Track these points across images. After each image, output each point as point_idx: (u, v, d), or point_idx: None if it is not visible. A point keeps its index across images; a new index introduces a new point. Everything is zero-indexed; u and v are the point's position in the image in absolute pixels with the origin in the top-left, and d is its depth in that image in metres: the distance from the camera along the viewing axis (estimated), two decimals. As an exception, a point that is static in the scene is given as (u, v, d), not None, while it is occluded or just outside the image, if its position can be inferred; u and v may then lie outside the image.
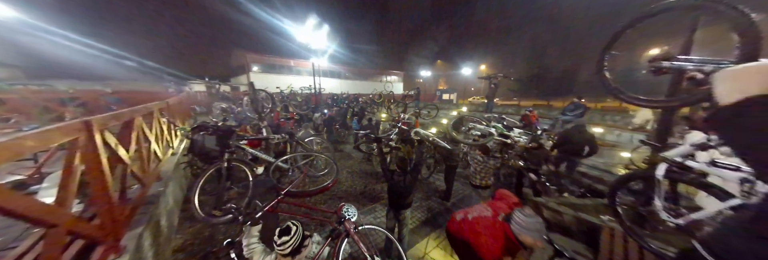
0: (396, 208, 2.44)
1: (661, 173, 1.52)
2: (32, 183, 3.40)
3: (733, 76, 0.51)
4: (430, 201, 3.87)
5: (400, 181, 2.33)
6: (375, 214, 3.42)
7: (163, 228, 2.41)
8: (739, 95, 0.47)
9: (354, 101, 11.28)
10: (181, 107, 6.76)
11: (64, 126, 1.35)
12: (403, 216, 2.44)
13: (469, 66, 31.95)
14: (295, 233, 1.35)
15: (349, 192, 4.10)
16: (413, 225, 3.15)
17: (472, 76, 30.93)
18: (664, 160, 1.53)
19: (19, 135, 1.06)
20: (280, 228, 1.38)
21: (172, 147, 4.06)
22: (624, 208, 1.90)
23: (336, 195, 3.94)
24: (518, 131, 3.80)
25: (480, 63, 34.48)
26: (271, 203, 1.88)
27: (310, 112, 8.31)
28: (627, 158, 4.44)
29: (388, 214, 2.50)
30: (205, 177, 2.29)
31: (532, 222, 1.37)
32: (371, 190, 4.18)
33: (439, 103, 15.88)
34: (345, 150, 6.72)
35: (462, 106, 15.55)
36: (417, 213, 3.48)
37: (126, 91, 10.73)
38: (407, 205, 2.44)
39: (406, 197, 2.39)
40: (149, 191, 2.47)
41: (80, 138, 1.45)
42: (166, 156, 3.61)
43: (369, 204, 3.70)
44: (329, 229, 1.86)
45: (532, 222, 1.38)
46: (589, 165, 4.55)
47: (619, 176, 1.92)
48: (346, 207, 1.95)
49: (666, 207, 1.55)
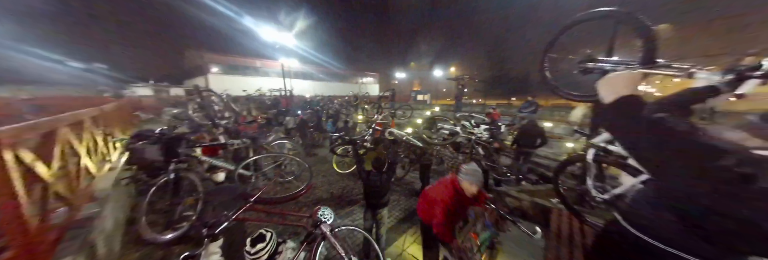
0: (373, 208, 2.50)
1: (591, 157, 1.84)
2: None
3: (609, 81, 0.67)
4: (406, 198, 4.00)
5: (376, 181, 2.40)
6: (353, 217, 3.42)
7: (101, 257, 2.11)
8: (613, 96, 0.62)
9: (328, 103, 11.08)
10: (122, 114, 6.01)
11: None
12: (380, 215, 2.51)
13: (440, 68, 33.47)
14: (270, 239, 1.33)
15: (325, 196, 4.07)
16: (391, 223, 3.23)
17: (444, 77, 32.46)
18: (592, 146, 1.85)
19: None
20: (252, 237, 1.34)
21: (110, 160, 3.58)
22: (565, 190, 2.28)
23: (311, 201, 3.86)
24: (484, 127, 4.13)
25: (450, 65, 36.28)
26: (239, 211, 1.77)
27: (281, 116, 7.95)
28: (571, 148, 5.11)
29: (366, 214, 2.55)
30: (152, 193, 2.07)
31: (471, 169, 1.82)
32: (348, 193, 4.18)
33: (414, 104, 16.34)
34: (320, 154, 6.56)
35: (435, 106, 16.19)
36: (394, 211, 3.58)
37: (48, 98, 9.16)
38: (384, 204, 2.51)
39: (383, 196, 2.46)
40: (81, 214, 2.15)
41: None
42: (102, 171, 3.18)
43: (347, 207, 3.71)
44: (305, 234, 1.83)
45: (471, 169, 1.83)
46: (541, 156, 5.11)
47: (559, 162, 2.27)
48: (322, 209, 1.92)
49: (595, 186, 1.88)
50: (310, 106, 9.73)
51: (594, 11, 1.35)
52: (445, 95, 34.66)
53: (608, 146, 1.75)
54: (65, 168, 2.15)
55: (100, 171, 3.07)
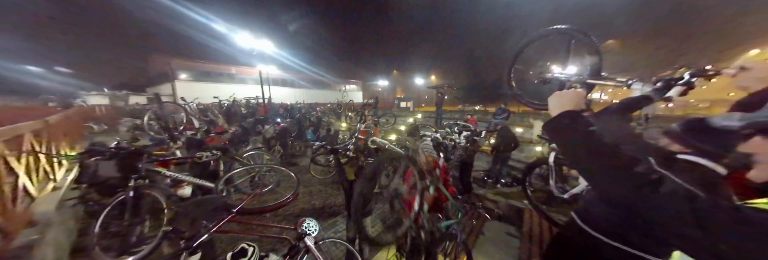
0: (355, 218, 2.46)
1: (552, 160, 2.07)
2: None
3: (557, 97, 0.78)
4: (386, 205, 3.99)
5: (360, 191, 2.37)
6: (336, 228, 3.36)
7: (39, 292, 1.85)
8: (558, 110, 0.72)
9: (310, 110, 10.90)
10: (70, 126, 5.48)
11: None
12: (363, 224, 2.47)
13: (421, 76, 34.64)
14: (252, 254, 1.30)
15: (307, 207, 3.99)
16: (374, 233, 3.17)
17: (425, 85, 33.58)
18: (553, 150, 2.11)
19: None
20: (234, 252, 1.30)
21: (54, 179, 3.21)
22: (532, 191, 2.52)
23: (293, 213, 3.75)
24: (465, 134, 4.32)
25: (430, 73, 37.68)
26: (220, 223, 1.67)
27: (258, 124, 7.66)
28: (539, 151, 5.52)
29: (348, 225, 2.51)
30: (106, 214, 1.88)
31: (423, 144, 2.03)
32: (331, 204, 4.10)
33: (397, 111, 16.59)
34: (302, 164, 6.38)
35: (417, 113, 16.56)
36: (378, 220, 3.54)
37: None
38: (367, 214, 2.50)
39: (365, 206, 2.43)
40: (16, 242, 1.89)
41: None
42: (44, 192, 2.84)
43: (330, 218, 3.63)
44: (288, 247, 1.78)
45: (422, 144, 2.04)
46: (514, 159, 5.41)
47: (527, 164, 2.51)
48: (307, 221, 1.89)
49: (557, 187, 2.13)
50: (291, 114, 9.51)
51: (552, 28, 1.54)
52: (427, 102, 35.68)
53: None
54: (-2, 189, 1.90)
55: (41, 192, 2.74)
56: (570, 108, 0.71)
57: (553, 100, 0.78)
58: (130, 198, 1.88)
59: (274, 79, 21.15)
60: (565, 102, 0.73)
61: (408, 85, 41.42)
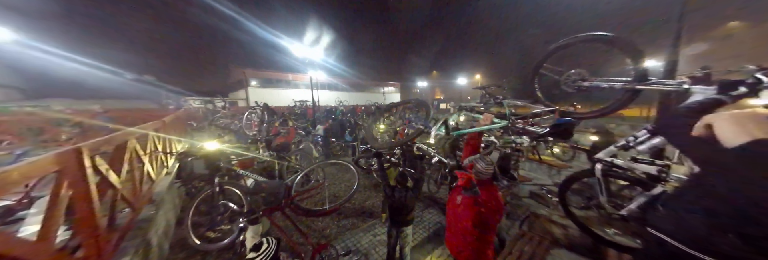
0: (397, 225, 2.37)
1: (599, 172, 1.72)
2: (20, 208, 3.26)
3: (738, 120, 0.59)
4: (433, 216, 3.75)
5: (401, 198, 2.29)
6: (374, 231, 3.30)
7: (153, 255, 2.29)
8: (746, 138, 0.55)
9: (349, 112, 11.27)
10: (178, 124, 6.73)
11: (52, 155, 1.32)
12: (404, 233, 2.37)
13: (464, 76, 32.75)
14: (265, 251, 1.31)
15: (346, 207, 3.96)
16: (415, 242, 3.03)
17: (468, 85, 31.64)
18: (598, 161, 1.73)
19: (4, 169, 1.03)
20: (255, 243, 1.37)
21: (167, 166, 3.98)
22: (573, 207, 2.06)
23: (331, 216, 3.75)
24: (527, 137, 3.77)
25: (474, 73, 35.36)
26: (271, 210, 1.84)
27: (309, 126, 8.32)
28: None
29: (390, 231, 2.42)
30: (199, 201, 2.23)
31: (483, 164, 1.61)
32: (371, 205, 4.05)
33: (437, 113, 16.02)
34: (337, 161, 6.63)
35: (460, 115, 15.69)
36: (419, 229, 3.36)
37: (119, 110, 10.73)
38: (408, 222, 2.37)
39: (407, 214, 2.33)
40: (140, 215, 2.39)
41: (69, 166, 1.42)
42: (160, 176, 3.53)
43: (368, 219, 3.58)
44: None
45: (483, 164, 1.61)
46: None
47: (566, 178, 2.03)
48: (328, 249, 1.91)
49: (609, 202, 1.73)
50: (333, 116, 9.99)
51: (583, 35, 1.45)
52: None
53: (614, 160, 1.68)
54: (131, 173, 2.43)
55: (158, 176, 3.42)
56: (762, 135, 0.54)
57: (731, 124, 0.60)
58: (216, 193, 2.21)
59: (321, 83, 22.68)
60: (751, 127, 0.56)
61: (447, 86, 39.77)
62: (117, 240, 1.86)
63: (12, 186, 1.05)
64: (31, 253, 1.07)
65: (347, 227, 3.39)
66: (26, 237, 1.11)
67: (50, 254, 1.17)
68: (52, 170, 1.31)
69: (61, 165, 1.36)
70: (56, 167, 1.33)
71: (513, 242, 2.42)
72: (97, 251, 1.53)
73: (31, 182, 3.33)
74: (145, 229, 2.20)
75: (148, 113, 10.32)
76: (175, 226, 3.23)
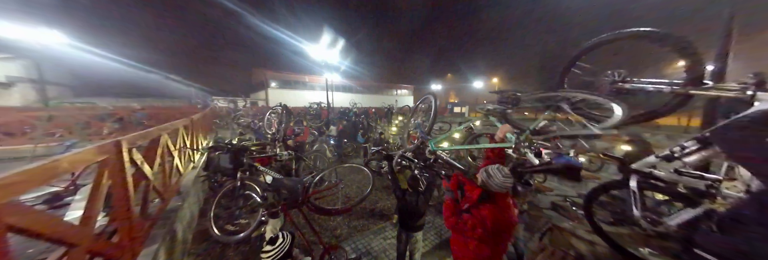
0: (407, 230, 2.31)
1: (634, 184, 1.52)
2: (67, 194, 3.60)
3: None
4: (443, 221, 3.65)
5: (412, 202, 2.23)
6: (385, 234, 3.24)
7: (178, 244, 2.41)
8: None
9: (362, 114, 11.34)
10: (205, 122, 7.12)
11: (95, 147, 1.43)
12: (415, 239, 2.31)
13: (479, 79, 32.01)
14: (279, 245, 1.32)
15: (358, 208, 3.90)
16: (426, 249, 2.94)
17: (483, 89, 30.85)
18: (634, 172, 1.54)
19: (56, 158, 1.12)
20: (272, 236, 1.39)
21: (194, 161, 4.21)
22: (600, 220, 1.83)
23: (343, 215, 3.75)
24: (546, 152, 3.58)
25: (491, 76, 34.43)
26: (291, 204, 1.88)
27: (324, 126, 8.47)
28: None
29: (400, 236, 2.36)
30: (221, 195, 2.31)
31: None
32: (382, 207, 4.00)
33: (451, 117, 15.72)
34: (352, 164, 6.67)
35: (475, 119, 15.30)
36: (430, 235, 3.25)
37: (154, 107, 11.57)
38: (419, 227, 2.30)
39: (418, 219, 2.26)
40: (168, 205, 2.52)
41: (110, 157, 1.52)
42: (187, 170, 3.73)
43: (379, 222, 3.53)
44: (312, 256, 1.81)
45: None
46: None
47: (593, 188, 1.83)
48: (339, 250, 1.91)
49: (645, 216, 1.52)
50: (347, 117, 10.08)
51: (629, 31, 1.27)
52: None
53: (653, 172, 1.47)
54: (162, 166, 2.58)
55: (186, 170, 3.61)
56: None
57: None
58: (237, 186, 2.30)
59: (336, 85, 23.08)
60: None
61: (461, 89, 38.98)
62: (148, 228, 1.97)
63: (62, 173, 1.14)
64: (74, 236, 1.15)
65: (358, 228, 3.37)
66: (70, 221, 1.20)
67: (90, 238, 1.25)
68: (96, 160, 1.41)
69: (103, 156, 1.47)
70: (99, 158, 1.43)
71: (532, 256, 2.27)
72: (130, 237, 1.62)
73: (77, 171, 3.66)
74: (173, 219, 2.32)
75: (179, 111, 11.04)
76: (198, 218, 3.39)
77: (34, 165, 1.00)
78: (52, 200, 3.47)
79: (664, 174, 1.45)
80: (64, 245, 1.13)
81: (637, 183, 1.54)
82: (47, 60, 14.14)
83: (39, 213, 1.02)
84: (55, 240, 1.08)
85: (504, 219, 1.41)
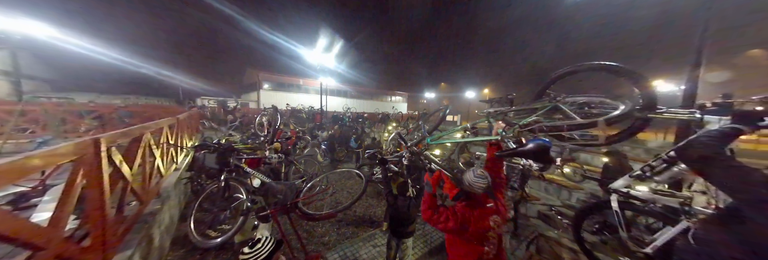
0: (398, 236, 2.28)
1: (616, 204, 1.59)
2: (34, 195, 3.33)
3: None
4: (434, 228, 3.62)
5: (403, 207, 2.21)
6: (374, 242, 3.17)
7: (154, 250, 2.27)
8: None
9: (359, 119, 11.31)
10: (191, 122, 6.89)
11: (72, 144, 1.35)
12: (405, 245, 2.29)
13: (472, 89, 32.89)
14: (256, 250, 1.27)
15: (348, 214, 3.86)
16: (416, 256, 2.90)
17: (475, 98, 31.63)
18: (613, 191, 1.62)
19: (28, 154, 1.06)
20: (252, 239, 1.35)
21: (176, 162, 4.03)
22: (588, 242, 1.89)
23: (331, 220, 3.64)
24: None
25: (483, 86, 35.41)
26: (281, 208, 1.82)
27: (315, 130, 8.38)
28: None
29: (390, 243, 2.33)
30: (204, 197, 2.22)
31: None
32: (372, 214, 3.93)
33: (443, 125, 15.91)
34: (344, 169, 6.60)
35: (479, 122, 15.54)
36: (420, 242, 3.20)
37: (138, 105, 11.09)
38: (410, 234, 2.28)
39: (409, 225, 2.25)
40: (147, 209, 2.39)
41: (87, 156, 1.44)
42: (169, 171, 3.57)
43: (369, 229, 3.46)
44: None
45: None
46: None
47: (579, 208, 1.93)
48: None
49: (631, 237, 1.59)
50: (341, 122, 10.01)
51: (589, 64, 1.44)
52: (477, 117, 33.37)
53: (631, 191, 1.57)
54: (143, 167, 2.46)
55: (167, 171, 3.45)
56: None
57: None
58: (221, 188, 2.21)
59: (330, 89, 23.06)
60: None
61: (455, 98, 39.82)
62: (123, 232, 1.85)
63: (32, 172, 1.07)
64: (40, 238, 1.07)
65: (347, 235, 3.29)
66: (37, 223, 1.11)
67: (58, 241, 1.17)
68: (71, 158, 1.33)
69: (79, 155, 1.39)
70: (74, 156, 1.36)
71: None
72: (102, 241, 1.52)
73: (48, 170, 3.42)
74: (150, 223, 2.19)
75: (165, 110, 10.63)
76: (178, 222, 3.22)
77: (0, 161, 0.93)
78: (17, 201, 3.20)
79: (641, 194, 1.53)
80: (29, 248, 1.05)
81: (619, 203, 1.60)
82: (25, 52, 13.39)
83: (1, 213, 0.95)
84: (20, 243, 0.99)
85: (477, 221, 1.39)
